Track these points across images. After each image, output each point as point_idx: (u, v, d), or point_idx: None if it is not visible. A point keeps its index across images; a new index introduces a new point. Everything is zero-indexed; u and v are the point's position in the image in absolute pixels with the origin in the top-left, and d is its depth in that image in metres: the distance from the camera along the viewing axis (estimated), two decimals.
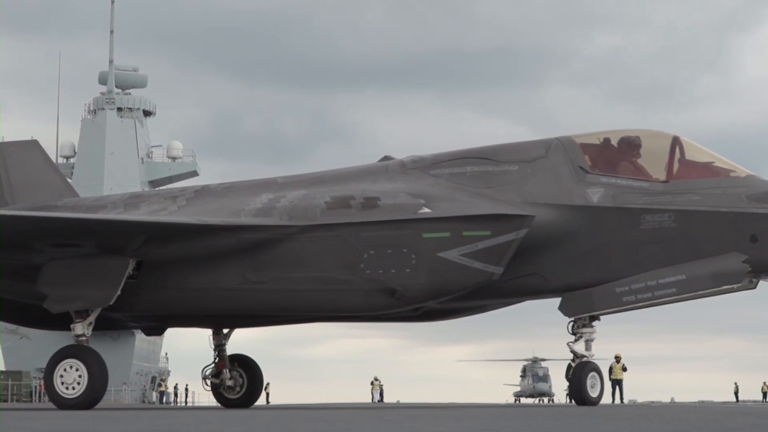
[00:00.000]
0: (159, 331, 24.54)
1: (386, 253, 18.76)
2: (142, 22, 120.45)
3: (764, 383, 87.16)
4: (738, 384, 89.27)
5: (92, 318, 20.06)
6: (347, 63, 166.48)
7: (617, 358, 45.30)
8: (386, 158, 21.56)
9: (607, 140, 20.00)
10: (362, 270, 18.85)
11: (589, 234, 19.15)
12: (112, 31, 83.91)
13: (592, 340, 19.64)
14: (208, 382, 23.92)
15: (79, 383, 19.52)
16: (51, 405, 20.43)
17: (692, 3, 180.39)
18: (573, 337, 19.78)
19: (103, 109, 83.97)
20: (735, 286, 18.99)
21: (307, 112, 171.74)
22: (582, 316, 19.54)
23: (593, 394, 19.51)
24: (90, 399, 19.70)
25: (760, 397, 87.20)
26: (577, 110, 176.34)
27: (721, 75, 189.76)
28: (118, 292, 19.37)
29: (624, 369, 46.93)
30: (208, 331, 23.99)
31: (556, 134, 20.40)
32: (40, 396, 70.02)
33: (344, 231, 18.94)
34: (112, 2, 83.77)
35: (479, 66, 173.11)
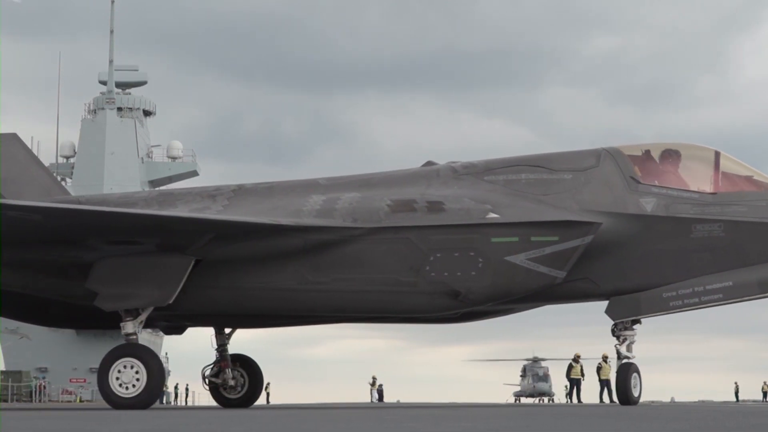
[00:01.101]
0: (179, 331, 24.23)
1: (453, 257, 19.32)
2: (142, 23, 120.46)
3: (764, 383, 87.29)
4: (738, 384, 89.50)
5: (144, 317, 19.73)
6: (346, 64, 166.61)
7: (605, 358, 45.40)
8: (429, 163, 21.92)
9: (653, 152, 20.86)
10: (427, 272, 19.38)
11: (641, 241, 19.94)
12: (112, 31, 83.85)
13: (633, 342, 20.59)
14: (208, 381, 23.92)
15: (137, 382, 19.26)
16: (51, 405, 20.42)
17: (691, 4, 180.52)
18: (616, 339, 20.61)
19: (103, 108, 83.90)
20: None
21: (306, 113, 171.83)
22: (626, 319, 20.46)
23: (635, 393, 20.53)
24: (147, 399, 19.50)
25: (760, 396, 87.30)
26: (576, 111, 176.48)
27: (721, 76, 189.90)
28: (178, 291, 19.27)
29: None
30: (209, 330, 24.01)
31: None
32: (40, 396, 70.11)
33: (411, 234, 19.43)
34: (112, 2, 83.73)
35: (477, 67, 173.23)
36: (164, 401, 77.47)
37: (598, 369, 44.97)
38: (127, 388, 19.20)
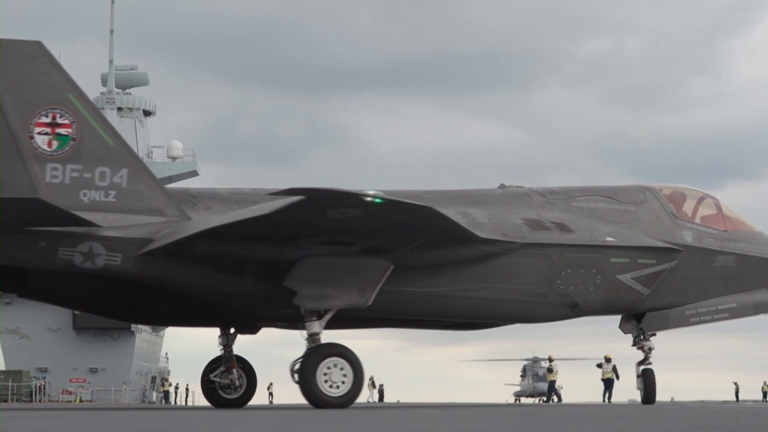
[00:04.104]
0: (253, 331, 24.17)
1: (579, 272, 21.84)
2: (139, 27, 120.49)
3: (764, 383, 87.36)
4: (738, 384, 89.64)
5: (329, 316, 19.79)
6: (340, 67, 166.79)
7: (550, 360, 46.48)
8: (502, 186, 23.65)
9: (673, 192, 24.18)
10: (557, 285, 21.71)
11: (680, 267, 23.06)
12: (112, 31, 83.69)
13: (652, 350, 24.25)
14: (211, 381, 23.85)
15: (343, 382, 19.38)
16: (51, 405, 20.36)
17: (683, 6, 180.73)
18: (638, 348, 24.13)
19: (103, 108, 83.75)
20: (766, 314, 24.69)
21: (301, 116, 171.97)
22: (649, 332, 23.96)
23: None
24: (352, 398, 19.66)
25: (760, 396, 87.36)
26: (570, 113, 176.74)
27: (714, 77, 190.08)
28: (374, 295, 19.58)
29: (549, 370, 48.95)
30: (209, 331, 24.03)
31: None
32: (40, 396, 70.08)
33: (551, 250, 21.61)
34: (112, 2, 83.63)
35: (471, 69, 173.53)
36: (163, 401, 77.46)
37: (548, 371, 46.05)
38: (337, 387, 19.29)
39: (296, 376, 19.88)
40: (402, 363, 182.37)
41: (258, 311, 21.01)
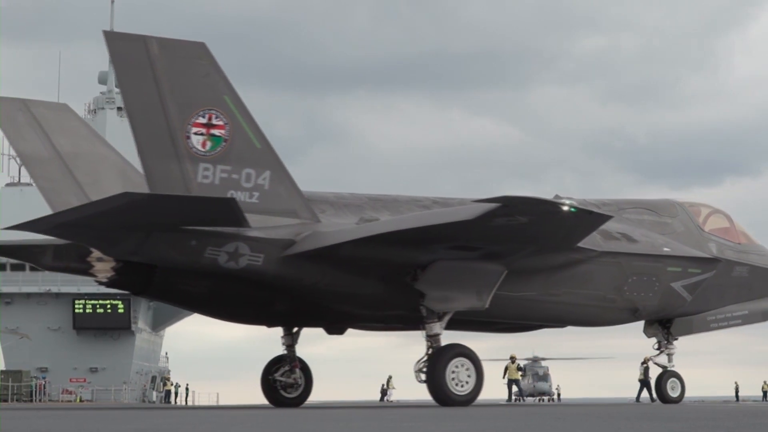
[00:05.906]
0: (341, 331, 24.57)
1: (642, 280, 23.34)
2: (139, 27, 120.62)
3: (765, 382, 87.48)
4: (738, 383, 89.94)
5: (447, 318, 20.59)
6: (338, 66, 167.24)
7: (512, 359, 48.00)
8: (557, 197, 24.24)
9: (696, 206, 25.91)
10: (624, 291, 23.19)
11: (712, 277, 24.55)
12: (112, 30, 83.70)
13: (673, 354, 25.97)
14: (277, 379, 24.03)
15: (467, 381, 20.25)
16: (51, 405, 20.36)
17: (680, 4, 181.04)
18: (658, 351, 25.98)
19: (103, 108, 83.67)
20: None
21: (299, 115, 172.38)
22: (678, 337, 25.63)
23: (674, 394, 25.85)
24: (474, 396, 20.40)
25: (760, 394, 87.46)
26: (567, 110, 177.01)
27: (711, 74, 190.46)
28: (490, 298, 20.45)
29: (519, 369, 50.41)
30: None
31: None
32: (40, 396, 70.06)
33: (622, 259, 23.08)
34: (112, 2, 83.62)
35: (468, 68, 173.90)
36: (164, 401, 77.44)
37: (505, 370, 47.31)
38: (462, 386, 20.14)
39: (422, 375, 20.64)
40: (401, 360, 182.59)
41: (371, 312, 21.46)
